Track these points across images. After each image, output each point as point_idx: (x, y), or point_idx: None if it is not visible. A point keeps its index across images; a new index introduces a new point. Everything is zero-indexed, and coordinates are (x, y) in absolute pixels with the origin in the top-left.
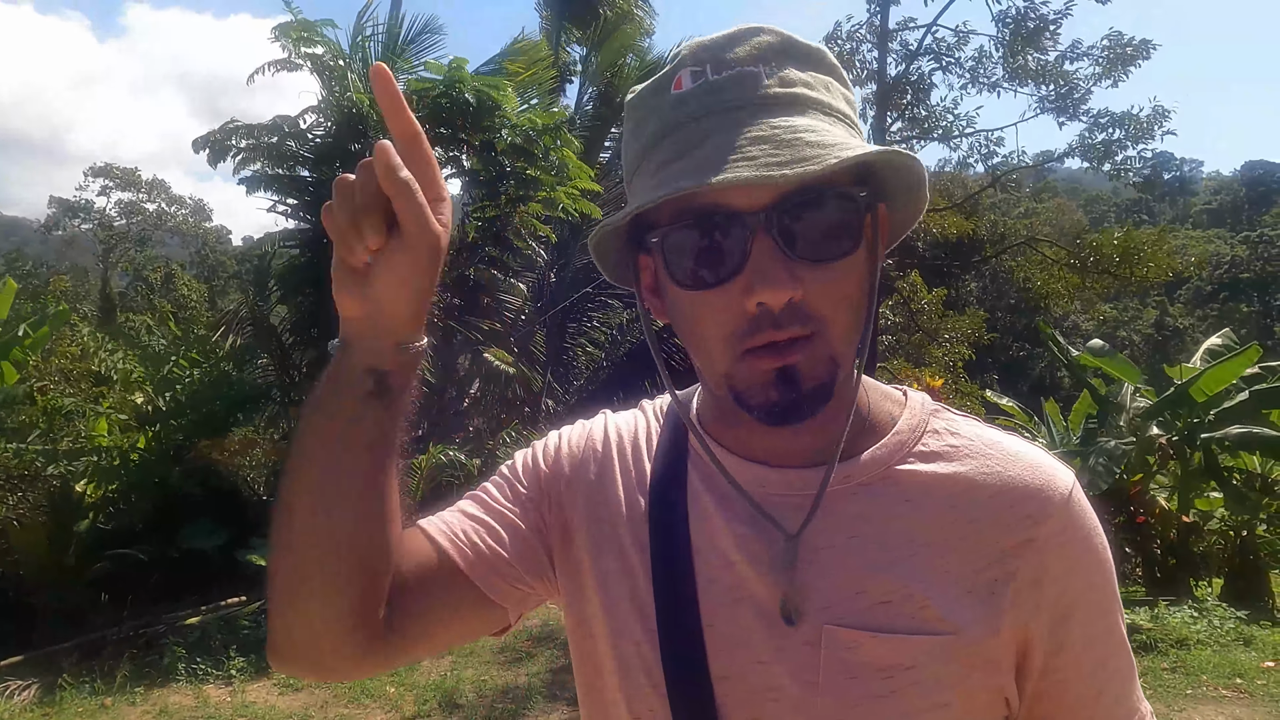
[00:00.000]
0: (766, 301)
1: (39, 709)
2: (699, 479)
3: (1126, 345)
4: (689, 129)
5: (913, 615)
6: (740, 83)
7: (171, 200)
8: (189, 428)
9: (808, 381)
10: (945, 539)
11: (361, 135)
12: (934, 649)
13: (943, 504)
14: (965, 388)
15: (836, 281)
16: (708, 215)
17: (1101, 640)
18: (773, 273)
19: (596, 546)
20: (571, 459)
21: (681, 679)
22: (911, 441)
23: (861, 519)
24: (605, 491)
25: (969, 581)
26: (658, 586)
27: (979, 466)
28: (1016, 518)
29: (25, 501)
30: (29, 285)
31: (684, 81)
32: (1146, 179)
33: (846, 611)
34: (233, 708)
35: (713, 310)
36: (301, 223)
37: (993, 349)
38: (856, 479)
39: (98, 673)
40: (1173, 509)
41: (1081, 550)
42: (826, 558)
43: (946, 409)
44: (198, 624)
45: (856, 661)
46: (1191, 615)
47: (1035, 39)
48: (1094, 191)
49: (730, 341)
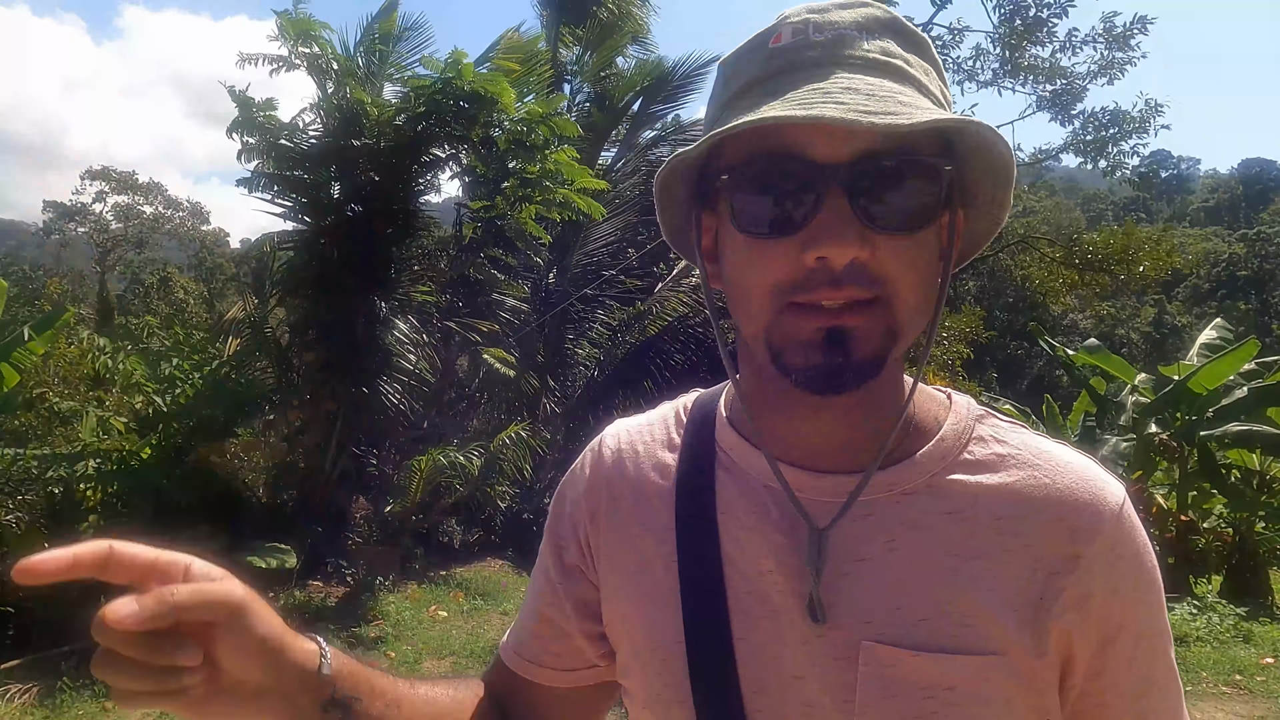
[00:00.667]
0: (829, 257)
1: (39, 711)
2: (730, 482)
3: (1125, 343)
4: (781, 78)
5: (955, 634)
6: (841, 41)
7: (169, 203)
8: (188, 431)
9: (860, 348)
10: (990, 554)
11: (358, 135)
12: (977, 669)
13: (988, 517)
14: (964, 386)
15: (909, 253)
16: (784, 160)
17: (1146, 663)
18: (840, 229)
19: (624, 564)
20: (587, 495)
21: (710, 694)
22: (957, 449)
23: (903, 529)
24: (625, 505)
25: (1014, 600)
26: (685, 599)
27: (1026, 478)
28: (1064, 533)
29: (24, 505)
30: (26, 289)
31: (784, 36)
32: (1142, 175)
33: (885, 626)
34: None
35: (769, 260)
36: (299, 224)
37: (991, 347)
38: (899, 487)
39: None
40: (1172, 507)
41: (1131, 569)
42: (865, 569)
43: (992, 413)
44: None
45: (895, 679)
46: (1191, 612)
47: (1033, 33)
48: (1091, 190)
49: (775, 292)
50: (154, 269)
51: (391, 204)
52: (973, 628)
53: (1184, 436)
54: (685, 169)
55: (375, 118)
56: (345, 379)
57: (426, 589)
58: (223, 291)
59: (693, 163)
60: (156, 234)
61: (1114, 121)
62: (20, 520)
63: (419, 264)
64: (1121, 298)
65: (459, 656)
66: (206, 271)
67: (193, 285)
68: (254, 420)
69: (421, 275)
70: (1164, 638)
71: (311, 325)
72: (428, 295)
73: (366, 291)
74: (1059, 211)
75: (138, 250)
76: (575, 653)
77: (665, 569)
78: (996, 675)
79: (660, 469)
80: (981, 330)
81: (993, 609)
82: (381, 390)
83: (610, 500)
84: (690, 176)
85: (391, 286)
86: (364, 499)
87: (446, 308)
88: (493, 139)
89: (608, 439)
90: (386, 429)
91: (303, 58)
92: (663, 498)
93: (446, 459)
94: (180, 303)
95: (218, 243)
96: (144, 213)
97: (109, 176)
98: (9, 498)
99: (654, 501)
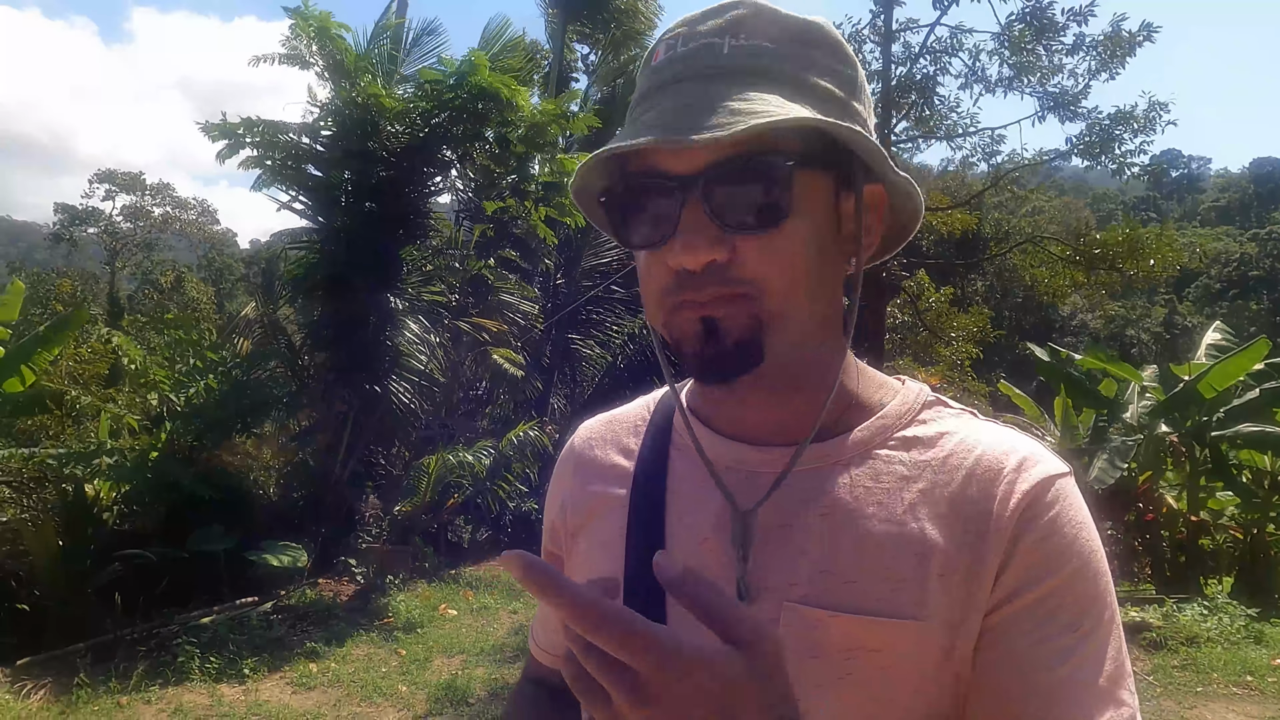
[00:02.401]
0: (684, 264)
1: (55, 707)
2: (681, 461)
3: (1135, 343)
4: (653, 96)
5: (880, 597)
6: (698, 54)
7: (177, 204)
8: (200, 430)
9: (730, 334)
10: (920, 522)
11: (372, 135)
12: (901, 632)
13: (922, 487)
14: (973, 385)
15: (774, 248)
16: (645, 179)
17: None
18: (692, 238)
19: (586, 544)
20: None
21: None
22: (896, 426)
23: (836, 499)
24: (590, 489)
25: (941, 565)
26: (629, 569)
27: (963, 453)
28: (997, 505)
29: (40, 503)
30: (38, 291)
31: (659, 53)
32: (1151, 174)
33: (811, 590)
34: (246, 706)
35: (651, 268)
36: (311, 222)
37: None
38: (834, 458)
39: (112, 672)
40: (1182, 507)
41: (1061, 546)
42: (797, 536)
43: (943, 400)
44: (209, 624)
45: (818, 641)
46: (1202, 613)
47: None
48: (1100, 190)
49: (662, 296)
50: (164, 269)
51: (403, 204)
52: (900, 592)
53: (1195, 437)
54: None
55: (390, 113)
56: (356, 378)
57: (436, 588)
58: (232, 292)
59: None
60: (166, 234)
61: (1117, 121)
62: (36, 518)
63: (430, 264)
64: (1131, 298)
65: (469, 655)
66: (216, 272)
67: (203, 286)
68: (265, 420)
69: (432, 276)
70: (1098, 626)
71: (323, 325)
72: (438, 295)
73: (378, 291)
74: (1067, 211)
75: (147, 251)
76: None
77: (616, 544)
78: (920, 639)
79: (624, 453)
80: (990, 329)
81: (921, 575)
82: (392, 390)
83: (578, 487)
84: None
85: (402, 286)
86: (374, 498)
87: (457, 308)
88: (506, 138)
89: (581, 431)
90: (397, 428)
91: (317, 56)
92: (623, 479)
93: (456, 458)
94: (193, 302)
95: (227, 243)
96: (153, 213)
97: (117, 178)
98: (25, 495)
99: (614, 483)
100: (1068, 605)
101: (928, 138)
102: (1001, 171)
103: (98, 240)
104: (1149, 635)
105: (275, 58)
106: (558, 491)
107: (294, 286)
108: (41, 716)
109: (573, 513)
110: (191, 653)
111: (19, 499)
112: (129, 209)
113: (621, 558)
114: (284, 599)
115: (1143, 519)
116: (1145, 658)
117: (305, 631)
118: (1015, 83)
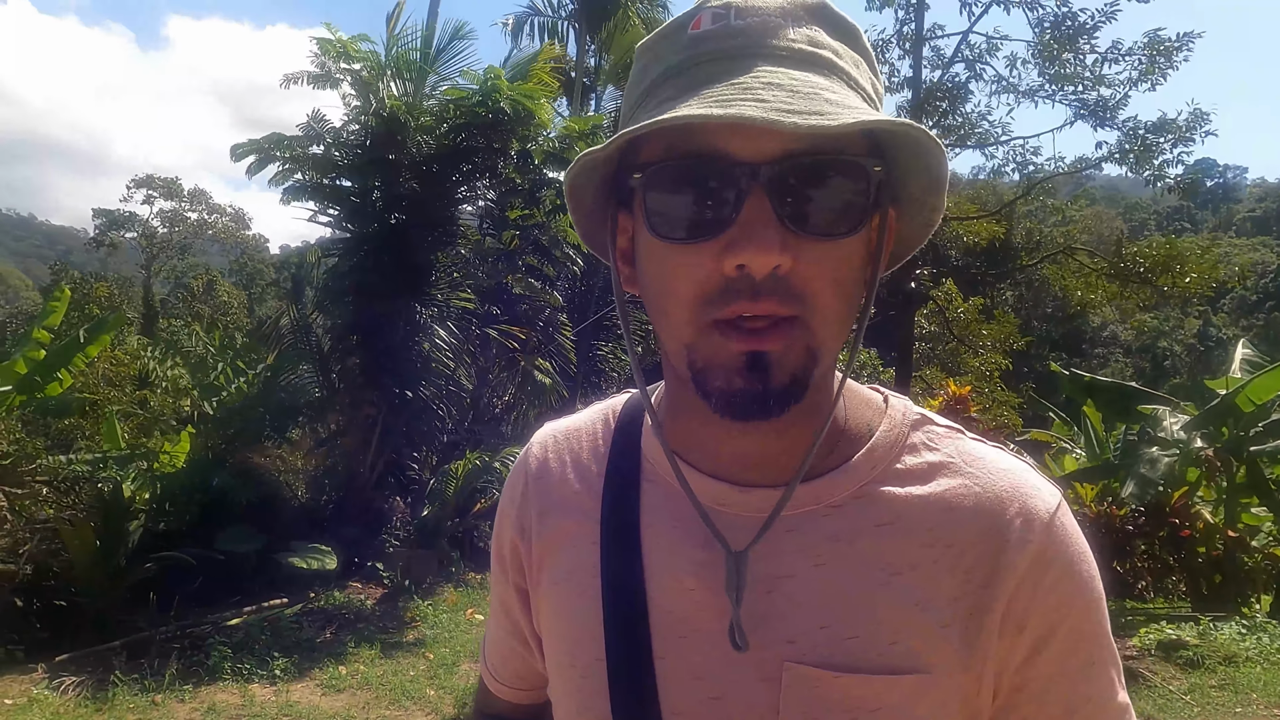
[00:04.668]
0: (749, 265)
1: (92, 705)
2: (655, 494)
3: (1167, 356)
4: (699, 70)
5: (881, 652)
6: (764, 30)
7: (212, 209)
8: (232, 434)
9: (780, 374)
10: (920, 566)
11: (400, 146)
12: (904, 689)
13: (919, 528)
14: (1001, 395)
15: (832, 262)
16: (702, 159)
17: (1080, 677)
18: (763, 234)
19: (550, 576)
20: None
21: (629, 713)
22: (888, 459)
23: (829, 544)
24: (551, 521)
25: (945, 614)
26: (607, 615)
27: (958, 486)
28: (995, 542)
29: (77, 504)
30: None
31: (703, 22)
32: (1187, 184)
33: (810, 647)
34: (277, 706)
35: (686, 268)
36: (342, 231)
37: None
38: (826, 499)
39: (146, 670)
40: (1218, 523)
41: (1060, 578)
42: (790, 586)
43: (929, 417)
44: (241, 624)
45: (819, 700)
46: (1240, 631)
47: (1073, 43)
48: (1134, 199)
49: (698, 306)
50: (197, 273)
51: (431, 213)
52: (901, 644)
53: (1231, 452)
54: (596, 166)
55: (415, 125)
56: (385, 384)
57: (463, 592)
58: (263, 296)
59: (604, 159)
60: (199, 239)
61: (1157, 130)
62: (74, 517)
63: (458, 272)
64: (1164, 309)
65: None
66: (247, 276)
67: (235, 290)
68: (295, 424)
69: (460, 283)
70: (1102, 650)
71: (353, 331)
72: (466, 302)
73: (407, 298)
74: (1099, 221)
75: (181, 256)
76: (534, 673)
77: (588, 583)
78: (924, 694)
79: (585, 477)
80: (1017, 338)
81: (923, 625)
82: (420, 395)
83: (538, 513)
84: (606, 174)
85: (430, 293)
86: (402, 502)
87: (484, 315)
88: (529, 152)
89: (534, 447)
90: (424, 433)
91: (344, 73)
92: (587, 509)
93: (482, 463)
94: (224, 306)
95: (258, 248)
96: (188, 218)
97: (154, 183)
98: (63, 496)
99: (578, 513)
100: (1086, 638)
101: (958, 146)
102: (1033, 181)
103: (134, 244)
104: (1185, 654)
105: (305, 77)
106: (518, 512)
107: (323, 293)
108: (79, 713)
109: (536, 540)
110: (224, 652)
111: (58, 499)
112: (165, 214)
113: (597, 605)
114: (313, 601)
115: (1177, 535)
116: (1181, 676)
117: (334, 633)
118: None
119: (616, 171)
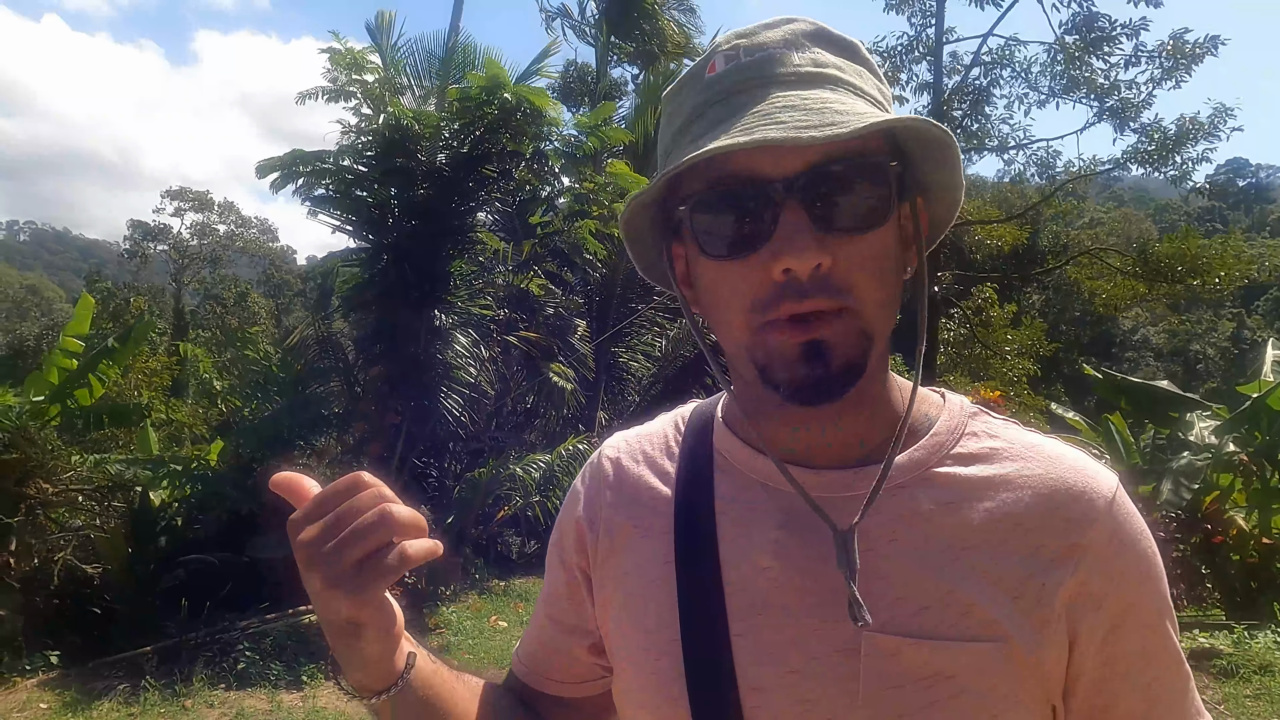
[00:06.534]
0: (793, 268)
1: (124, 709)
2: (727, 485)
3: (1200, 359)
4: (720, 106)
5: (956, 621)
6: (771, 61)
7: (240, 221)
8: (260, 442)
9: (838, 357)
10: (988, 543)
11: (411, 155)
12: (979, 656)
13: (984, 507)
14: (1029, 400)
15: (866, 253)
16: (736, 183)
17: (1154, 653)
18: (800, 239)
19: (622, 568)
20: (585, 507)
21: (705, 692)
22: (950, 443)
23: (900, 522)
24: (625, 513)
25: (1015, 588)
26: (682, 598)
27: (1020, 469)
28: (1060, 523)
29: (109, 510)
30: (110, 306)
31: (717, 65)
32: (1216, 183)
33: (888, 618)
34: (305, 712)
35: (738, 281)
36: (363, 241)
37: (1057, 361)
38: (893, 481)
39: (176, 675)
40: (1252, 529)
41: (1131, 556)
42: (865, 561)
43: (986, 411)
44: (269, 631)
45: (897, 670)
46: (1275, 640)
47: (1097, 47)
48: (1163, 200)
49: (753, 313)
50: (228, 285)
51: (449, 220)
52: (973, 615)
53: (1265, 455)
54: (645, 206)
55: (425, 131)
56: (408, 391)
57: (487, 599)
58: (289, 306)
59: (652, 200)
60: (229, 251)
61: (1180, 130)
62: (107, 524)
63: (478, 279)
64: (1196, 310)
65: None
66: (275, 287)
67: (264, 300)
68: (322, 434)
69: (480, 290)
70: (1169, 622)
71: (375, 339)
72: (486, 309)
73: (427, 306)
74: (1127, 223)
75: (212, 267)
76: (577, 664)
77: (663, 570)
78: (998, 663)
79: (660, 474)
80: (1044, 343)
81: (993, 597)
82: (443, 403)
83: (609, 509)
84: (654, 211)
85: (451, 301)
86: (425, 509)
87: (505, 322)
88: (543, 153)
89: (607, 450)
90: (447, 441)
91: (357, 85)
92: (661, 502)
93: (505, 471)
94: (254, 316)
95: (285, 259)
96: (218, 230)
97: (186, 196)
98: (97, 502)
99: (653, 506)
100: (1162, 614)
101: (979, 150)
102: (1056, 183)
103: (164, 256)
104: (1219, 663)
105: (319, 92)
106: (585, 504)
107: (346, 303)
108: (112, 717)
109: (605, 533)
110: (252, 658)
111: (91, 506)
112: (196, 226)
113: (672, 589)
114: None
115: (1210, 541)
116: (1215, 686)
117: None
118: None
119: (663, 207)
